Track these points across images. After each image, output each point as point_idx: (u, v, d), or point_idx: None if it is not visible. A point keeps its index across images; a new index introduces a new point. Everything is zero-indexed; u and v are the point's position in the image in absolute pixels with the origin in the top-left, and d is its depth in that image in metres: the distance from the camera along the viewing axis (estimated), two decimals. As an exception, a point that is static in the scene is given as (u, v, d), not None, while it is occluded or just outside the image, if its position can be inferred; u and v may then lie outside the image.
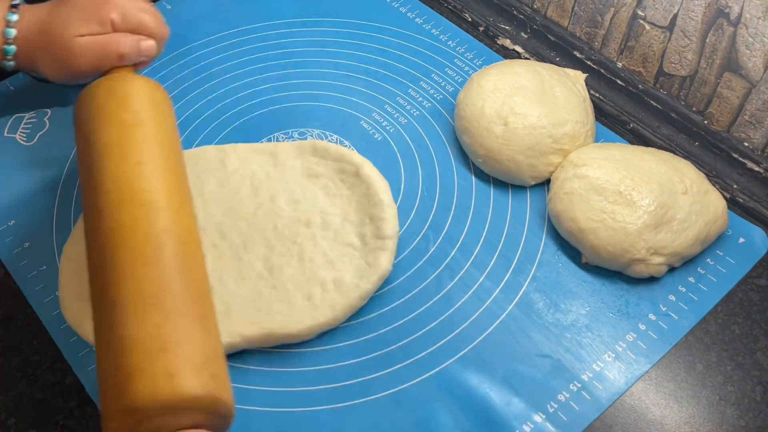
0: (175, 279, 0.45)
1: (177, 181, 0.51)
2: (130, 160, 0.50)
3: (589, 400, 0.54)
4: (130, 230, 0.47)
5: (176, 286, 0.45)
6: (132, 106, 0.54)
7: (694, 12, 0.63)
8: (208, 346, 0.44)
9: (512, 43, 0.78)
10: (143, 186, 0.49)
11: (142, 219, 0.47)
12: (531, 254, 0.61)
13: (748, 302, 0.59)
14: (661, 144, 0.70)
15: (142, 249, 0.46)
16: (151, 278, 0.45)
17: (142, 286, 0.44)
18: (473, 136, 0.65)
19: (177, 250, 0.47)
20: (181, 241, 0.47)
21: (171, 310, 0.44)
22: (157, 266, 0.45)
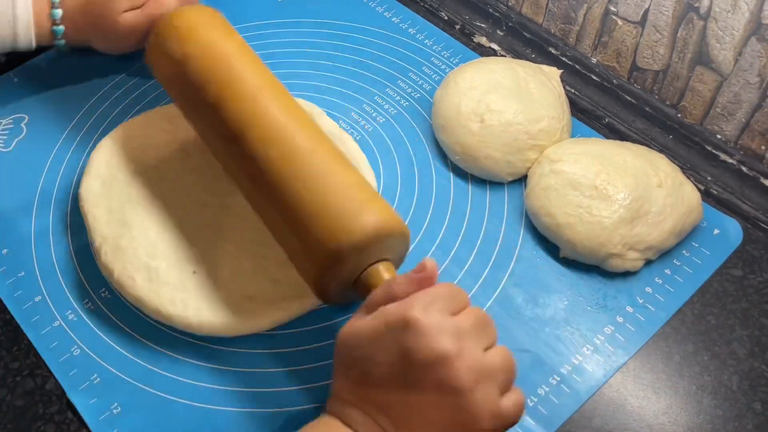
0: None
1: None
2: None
3: (569, 393, 0.54)
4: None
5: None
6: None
7: (664, 7, 0.64)
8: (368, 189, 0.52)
9: (488, 41, 0.79)
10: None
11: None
12: (509, 250, 0.62)
13: (724, 293, 0.60)
14: (636, 138, 0.70)
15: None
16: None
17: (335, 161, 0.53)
18: (450, 133, 0.66)
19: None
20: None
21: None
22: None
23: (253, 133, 0.53)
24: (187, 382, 0.55)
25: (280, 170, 0.51)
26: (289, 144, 0.52)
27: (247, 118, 0.54)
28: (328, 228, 0.48)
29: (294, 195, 0.50)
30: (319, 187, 0.50)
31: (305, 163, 0.51)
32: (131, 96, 0.73)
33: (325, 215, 0.49)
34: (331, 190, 0.50)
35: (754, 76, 0.61)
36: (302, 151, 0.52)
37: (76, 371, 0.55)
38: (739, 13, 0.59)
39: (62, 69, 0.75)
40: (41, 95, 0.73)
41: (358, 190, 0.51)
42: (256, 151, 0.53)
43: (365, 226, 0.48)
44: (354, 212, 0.49)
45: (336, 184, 0.50)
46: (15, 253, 0.62)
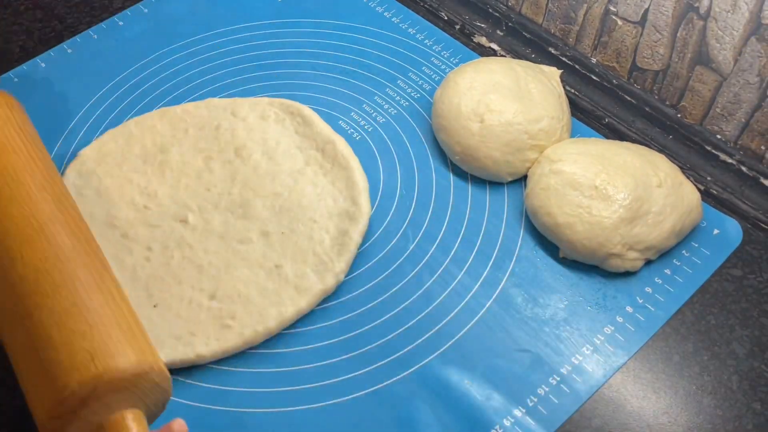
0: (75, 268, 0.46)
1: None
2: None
3: (569, 393, 0.54)
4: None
5: (79, 276, 0.45)
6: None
7: (664, 7, 0.64)
8: (122, 323, 0.44)
9: (488, 41, 0.79)
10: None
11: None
12: (509, 250, 0.62)
13: (723, 293, 0.60)
14: (636, 138, 0.70)
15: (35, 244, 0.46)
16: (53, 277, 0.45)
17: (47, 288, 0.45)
18: (450, 134, 0.66)
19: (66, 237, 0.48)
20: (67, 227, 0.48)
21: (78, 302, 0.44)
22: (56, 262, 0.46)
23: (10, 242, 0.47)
24: (186, 382, 0.55)
25: (28, 290, 0.45)
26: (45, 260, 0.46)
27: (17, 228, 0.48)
28: (62, 365, 0.41)
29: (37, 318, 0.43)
30: (62, 319, 0.43)
31: (53, 284, 0.44)
32: (131, 96, 0.73)
33: (62, 350, 0.42)
34: (73, 324, 0.43)
35: (754, 76, 0.61)
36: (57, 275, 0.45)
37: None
38: (739, 13, 0.59)
39: (62, 69, 0.76)
40: (41, 95, 0.73)
41: (111, 325, 0.44)
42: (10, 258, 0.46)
43: (103, 368, 0.41)
44: (94, 352, 0.42)
45: (81, 317, 0.43)
46: (15, 253, 0.62)
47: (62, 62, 0.76)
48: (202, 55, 0.77)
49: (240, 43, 0.78)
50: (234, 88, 0.74)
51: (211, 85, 0.74)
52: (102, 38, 0.79)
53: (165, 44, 0.78)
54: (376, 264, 0.61)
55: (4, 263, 0.46)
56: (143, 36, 0.79)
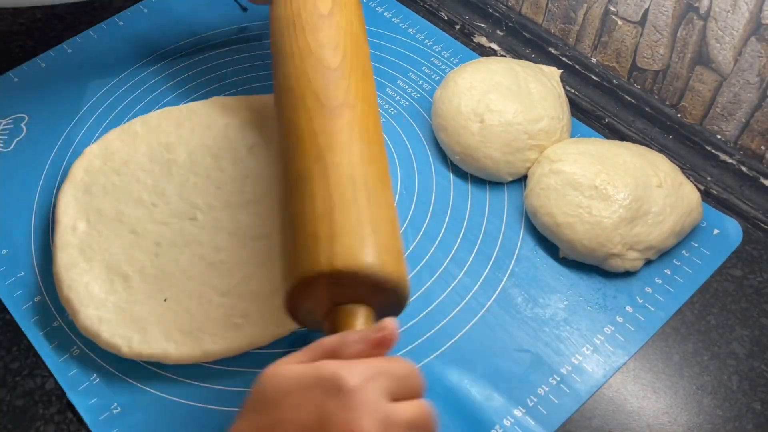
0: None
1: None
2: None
3: (569, 393, 0.54)
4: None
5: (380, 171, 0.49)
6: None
7: (664, 7, 0.64)
8: (394, 233, 0.47)
9: (488, 41, 0.79)
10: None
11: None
12: (509, 250, 0.62)
13: (723, 293, 0.60)
14: (636, 138, 0.70)
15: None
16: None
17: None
18: (450, 133, 0.66)
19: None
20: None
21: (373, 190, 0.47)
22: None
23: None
24: (187, 382, 0.55)
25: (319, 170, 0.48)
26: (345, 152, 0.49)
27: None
28: (313, 249, 0.44)
29: (316, 198, 0.46)
30: (345, 201, 0.46)
31: (344, 176, 0.47)
32: (132, 96, 0.73)
33: (331, 230, 0.45)
34: (352, 214, 0.45)
35: (754, 76, 0.61)
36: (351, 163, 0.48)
37: (76, 371, 0.55)
38: (739, 13, 0.59)
39: (62, 69, 0.76)
40: (41, 95, 0.73)
41: (385, 226, 0.46)
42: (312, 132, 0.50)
43: (362, 260, 0.44)
44: (359, 242, 0.44)
45: (362, 211, 0.46)
46: (15, 253, 0.62)
47: (62, 62, 0.76)
48: (203, 54, 0.77)
49: (240, 42, 0.78)
50: (234, 87, 0.74)
51: (212, 84, 0.74)
52: (102, 38, 0.79)
53: (165, 44, 0.78)
54: (376, 264, 0.61)
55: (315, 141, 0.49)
56: (143, 36, 0.79)
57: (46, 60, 0.77)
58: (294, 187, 0.48)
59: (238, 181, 0.64)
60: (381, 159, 0.50)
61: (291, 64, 0.54)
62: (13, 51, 0.78)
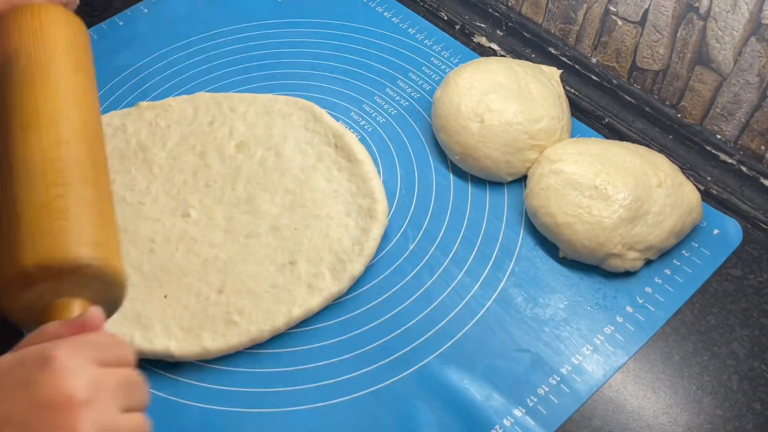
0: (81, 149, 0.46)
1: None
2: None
3: (569, 393, 0.54)
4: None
5: (82, 157, 0.46)
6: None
7: (664, 7, 0.64)
8: (100, 221, 0.44)
9: (488, 41, 0.79)
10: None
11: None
12: (509, 250, 0.62)
13: (723, 293, 0.60)
14: (636, 138, 0.70)
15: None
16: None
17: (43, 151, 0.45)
18: (450, 133, 0.66)
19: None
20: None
21: (73, 181, 0.44)
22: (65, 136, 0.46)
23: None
24: (187, 382, 0.55)
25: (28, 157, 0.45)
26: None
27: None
28: (22, 240, 0.42)
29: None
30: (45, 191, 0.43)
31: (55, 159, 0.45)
32: (132, 95, 0.73)
33: (26, 226, 0.42)
34: (55, 205, 0.43)
35: (754, 76, 0.61)
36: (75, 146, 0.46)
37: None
38: (738, 13, 0.59)
39: (62, 69, 0.76)
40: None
41: (94, 215, 0.44)
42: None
43: (68, 252, 0.41)
44: (68, 234, 0.42)
45: (76, 200, 0.44)
46: (15, 253, 0.61)
47: (62, 62, 0.76)
48: (202, 55, 0.77)
49: (240, 42, 0.78)
50: (234, 87, 0.74)
51: (212, 84, 0.74)
52: (102, 38, 0.79)
53: (165, 44, 0.78)
54: (376, 264, 0.61)
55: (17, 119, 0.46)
56: (143, 36, 0.79)
57: (46, 60, 0.76)
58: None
59: (229, 178, 0.64)
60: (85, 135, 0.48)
61: None
62: (13, 51, 0.78)
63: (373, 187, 0.62)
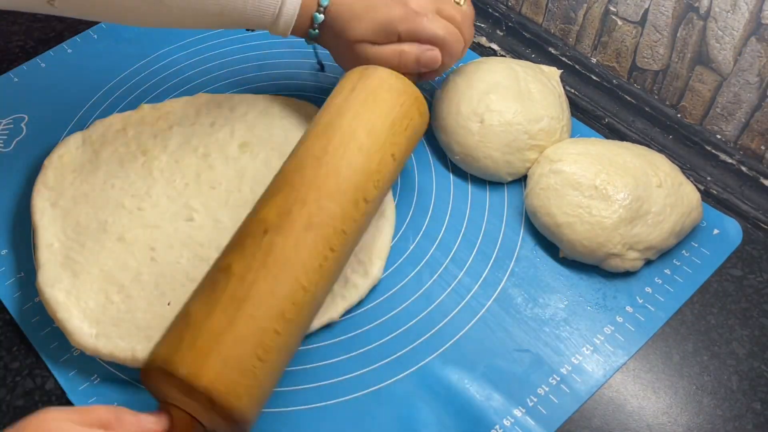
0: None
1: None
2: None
3: (569, 393, 0.54)
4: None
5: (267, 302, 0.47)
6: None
7: (664, 7, 0.64)
8: (259, 368, 0.46)
9: (488, 41, 0.79)
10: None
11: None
12: (509, 250, 0.62)
13: (723, 293, 0.60)
14: (636, 138, 0.70)
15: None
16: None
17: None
18: (450, 134, 0.66)
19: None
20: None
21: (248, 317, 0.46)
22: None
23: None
24: (187, 382, 0.55)
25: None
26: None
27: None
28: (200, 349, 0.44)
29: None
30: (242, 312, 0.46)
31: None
32: (131, 96, 0.73)
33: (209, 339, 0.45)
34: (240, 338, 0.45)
35: (754, 76, 0.61)
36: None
37: (76, 371, 0.55)
38: (738, 13, 0.59)
39: (62, 69, 0.76)
40: (41, 95, 0.73)
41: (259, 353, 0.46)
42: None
43: (203, 378, 0.44)
44: (209, 357, 0.44)
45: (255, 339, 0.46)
46: (15, 253, 0.62)
47: (62, 62, 0.76)
48: (202, 55, 0.77)
49: (240, 43, 0.78)
50: (233, 88, 0.74)
51: (211, 84, 0.74)
52: (102, 38, 0.79)
53: (165, 44, 0.78)
54: (376, 264, 0.61)
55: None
56: (143, 36, 0.79)
57: (46, 60, 0.77)
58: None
59: (234, 180, 0.63)
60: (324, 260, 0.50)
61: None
62: (13, 51, 0.78)
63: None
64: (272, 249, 0.48)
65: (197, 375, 0.43)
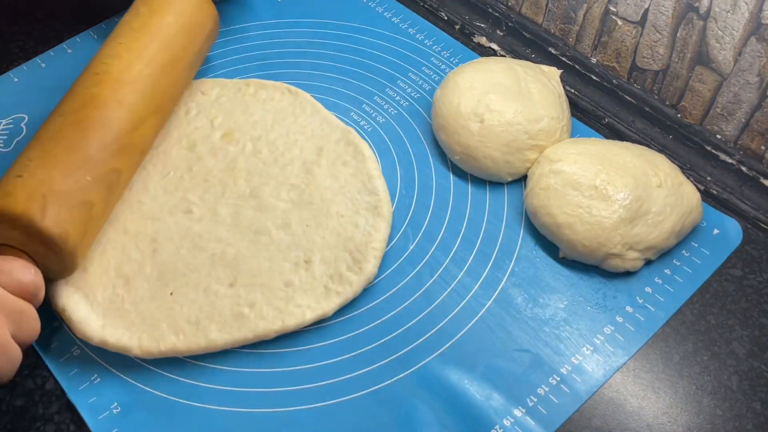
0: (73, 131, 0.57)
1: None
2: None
3: (569, 393, 0.54)
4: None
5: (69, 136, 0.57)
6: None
7: (664, 7, 0.64)
8: (61, 187, 0.53)
9: (488, 41, 0.79)
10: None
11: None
12: (509, 250, 0.62)
13: (723, 293, 0.60)
14: (636, 138, 0.70)
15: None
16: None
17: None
18: (450, 133, 0.66)
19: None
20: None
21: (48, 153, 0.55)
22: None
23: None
24: (187, 382, 0.55)
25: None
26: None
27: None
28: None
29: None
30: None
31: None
32: (131, 96, 0.73)
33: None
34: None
35: (754, 76, 0.61)
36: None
37: (76, 371, 0.55)
38: (738, 13, 0.59)
39: (62, 69, 0.76)
40: (41, 95, 0.73)
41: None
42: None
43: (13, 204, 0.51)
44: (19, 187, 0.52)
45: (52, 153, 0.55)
46: (15, 253, 0.62)
47: (62, 62, 0.76)
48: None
49: (239, 43, 0.78)
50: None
51: (211, 85, 0.74)
52: (102, 38, 0.79)
53: (165, 44, 0.78)
54: (376, 264, 0.61)
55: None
56: (143, 36, 0.78)
57: (46, 60, 0.77)
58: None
59: (226, 171, 0.64)
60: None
61: None
62: (13, 51, 0.78)
63: (378, 188, 0.62)
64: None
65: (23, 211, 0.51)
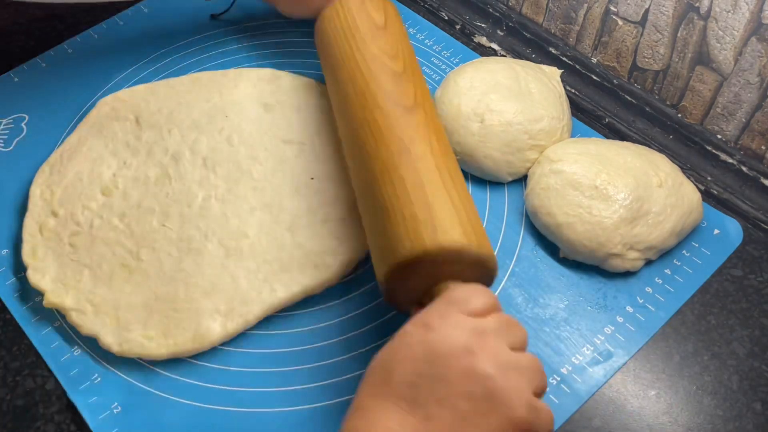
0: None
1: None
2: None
3: (569, 393, 0.54)
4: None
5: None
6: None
7: (665, 7, 0.64)
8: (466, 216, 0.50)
9: (488, 41, 0.79)
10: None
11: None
12: (509, 250, 0.62)
13: (724, 293, 0.60)
14: (637, 138, 0.70)
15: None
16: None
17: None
18: (450, 133, 0.66)
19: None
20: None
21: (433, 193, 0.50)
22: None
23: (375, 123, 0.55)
24: (187, 381, 0.55)
25: (390, 163, 0.52)
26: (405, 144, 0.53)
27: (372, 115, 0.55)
28: (415, 229, 0.48)
29: (396, 188, 0.50)
30: (436, 187, 0.50)
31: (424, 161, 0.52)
32: (131, 96, 0.73)
33: (430, 213, 0.48)
34: (444, 198, 0.49)
35: (755, 76, 0.61)
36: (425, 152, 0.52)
37: (77, 371, 0.55)
38: (739, 13, 0.59)
39: (62, 69, 0.76)
40: (41, 95, 0.73)
41: (471, 208, 0.50)
42: (376, 137, 0.54)
43: (461, 239, 0.47)
44: (457, 223, 0.48)
45: (452, 195, 0.50)
46: (15, 253, 0.62)
47: (62, 62, 0.76)
48: (203, 55, 0.77)
49: (240, 42, 0.78)
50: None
51: (212, 85, 0.74)
52: (102, 38, 0.79)
53: (165, 44, 0.78)
54: (376, 264, 0.61)
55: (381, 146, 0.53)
56: (143, 36, 0.79)
57: (46, 60, 0.77)
58: (379, 178, 0.52)
59: (225, 167, 0.64)
60: (451, 151, 0.55)
61: (357, 69, 0.59)
62: (13, 51, 0.78)
63: None
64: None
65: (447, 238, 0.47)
